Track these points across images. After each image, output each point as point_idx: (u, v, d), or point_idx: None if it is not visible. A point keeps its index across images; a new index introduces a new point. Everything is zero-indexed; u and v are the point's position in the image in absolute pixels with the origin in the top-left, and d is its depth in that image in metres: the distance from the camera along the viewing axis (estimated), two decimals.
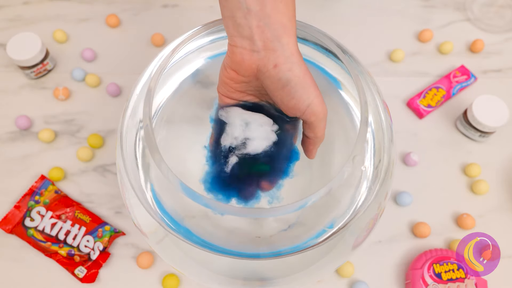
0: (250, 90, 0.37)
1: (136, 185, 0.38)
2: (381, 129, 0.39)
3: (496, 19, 0.70)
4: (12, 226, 0.55)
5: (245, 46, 0.33)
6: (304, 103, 0.34)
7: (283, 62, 0.33)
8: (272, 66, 0.33)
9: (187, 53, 0.43)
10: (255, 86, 0.36)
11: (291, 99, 0.34)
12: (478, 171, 0.59)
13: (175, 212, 0.37)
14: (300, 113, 0.35)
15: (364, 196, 0.38)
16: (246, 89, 0.37)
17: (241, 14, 0.32)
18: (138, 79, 0.41)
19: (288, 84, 0.33)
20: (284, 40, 0.33)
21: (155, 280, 0.53)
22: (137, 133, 0.38)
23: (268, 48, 0.33)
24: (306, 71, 0.34)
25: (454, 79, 0.65)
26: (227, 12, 0.33)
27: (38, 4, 0.70)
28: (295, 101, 0.34)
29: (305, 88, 0.34)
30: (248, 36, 0.33)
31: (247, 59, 0.34)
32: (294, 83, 0.33)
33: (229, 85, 0.37)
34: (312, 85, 0.34)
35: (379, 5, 0.71)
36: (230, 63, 0.35)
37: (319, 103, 0.34)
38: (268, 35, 0.33)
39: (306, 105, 0.34)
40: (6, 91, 0.64)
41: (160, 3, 0.70)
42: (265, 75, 0.34)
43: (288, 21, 0.33)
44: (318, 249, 0.37)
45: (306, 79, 0.34)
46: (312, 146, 0.37)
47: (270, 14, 0.32)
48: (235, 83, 0.36)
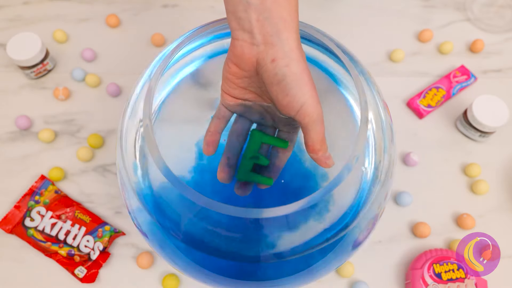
0: (252, 88, 0.37)
1: (136, 185, 0.38)
2: (381, 129, 0.39)
3: (496, 19, 0.70)
4: (12, 226, 0.55)
5: (246, 39, 0.33)
6: (298, 102, 0.33)
7: (281, 57, 0.33)
8: (270, 60, 0.33)
9: (187, 53, 0.43)
10: (256, 82, 0.36)
11: (285, 96, 0.34)
12: (478, 171, 0.59)
13: (175, 212, 0.37)
14: (294, 113, 0.34)
15: (364, 196, 0.38)
16: (248, 86, 0.37)
17: (241, 8, 0.33)
18: (138, 79, 0.41)
19: (283, 80, 0.33)
20: (284, 35, 0.33)
21: (155, 280, 0.53)
22: (137, 133, 0.38)
23: (267, 42, 0.33)
24: (304, 70, 0.34)
25: (454, 79, 0.65)
26: (230, 7, 0.34)
27: (38, 4, 0.70)
28: (289, 99, 0.34)
29: (301, 86, 0.33)
30: (248, 30, 0.33)
31: (247, 52, 0.34)
32: (290, 80, 0.33)
33: (231, 81, 0.36)
34: (308, 84, 0.34)
35: (379, 5, 0.71)
36: (232, 56, 0.35)
37: (314, 103, 0.34)
38: (268, 29, 0.33)
39: (300, 104, 0.33)
40: (6, 91, 0.64)
41: (160, 3, 0.70)
42: (263, 69, 0.34)
43: (289, 16, 0.33)
44: (318, 249, 0.37)
45: (303, 76, 0.33)
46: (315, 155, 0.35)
47: (271, 8, 0.32)
48: (236, 78, 0.36)
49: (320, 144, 0.35)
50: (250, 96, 0.38)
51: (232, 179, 0.39)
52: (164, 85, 0.43)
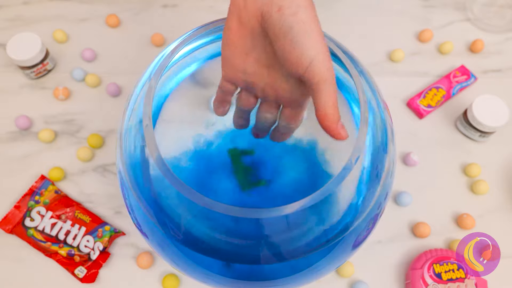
0: (255, 53, 0.34)
1: (136, 185, 0.38)
2: (381, 129, 0.39)
3: (496, 19, 0.70)
4: (12, 226, 0.55)
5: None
6: (307, 56, 0.30)
7: (287, 6, 0.30)
8: (276, 9, 0.30)
9: (187, 53, 0.43)
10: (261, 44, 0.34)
11: (293, 49, 0.30)
12: (478, 171, 0.59)
13: (175, 212, 0.37)
14: (302, 70, 0.31)
15: (364, 196, 0.38)
16: (250, 50, 0.34)
17: None
18: (138, 79, 0.41)
19: (290, 32, 0.30)
20: None
21: (155, 280, 0.53)
22: (137, 133, 0.38)
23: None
24: (314, 18, 0.30)
25: (454, 79, 0.65)
26: None
27: (38, 4, 0.70)
28: (297, 53, 0.30)
29: (311, 37, 0.30)
30: None
31: (251, 3, 0.31)
32: (297, 31, 0.30)
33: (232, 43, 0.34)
34: (318, 34, 0.30)
35: (379, 5, 0.71)
36: (234, 10, 0.32)
37: (324, 60, 0.30)
38: None
39: (309, 59, 0.30)
40: (6, 91, 0.64)
41: (160, 3, 0.70)
42: (268, 21, 0.31)
43: None
44: (318, 249, 0.37)
45: (311, 26, 0.30)
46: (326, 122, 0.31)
47: None
48: (238, 37, 0.33)
49: (332, 109, 0.31)
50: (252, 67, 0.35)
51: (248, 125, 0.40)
52: (164, 85, 0.43)
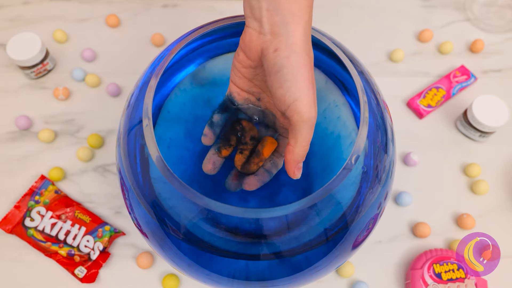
0: (257, 81, 0.38)
1: (136, 185, 0.38)
2: (381, 129, 0.39)
3: (496, 19, 0.70)
4: (12, 226, 0.55)
5: (255, 27, 0.34)
6: (290, 96, 0.33)
7: (283, 48, 0.33)
8: (273, 50, 0.33)
9: (187, 53, 0.43)
10: (261, 76, 0.37)
11: (279, 87, 0.33)
12: (478, 171, 0.59)
13: (174, 212, 0.37)
14: (285, 107, 0.33)
15: (364, 196, 0.38)
16: (253, 78, 0.37)
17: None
18: (138, 79, 0.41)
19: (280, 71, 0.33)
20: (291, 27, 0.33)
21: (155, 280, 0.53)
22: (137, 133, 0.38)
23: (273, 32, 0.33)
24: (305, 65, 0.33)
25: (454, 79, 0.65)
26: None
27: (38, 4, 0.70)
28: (282, 91, 0.33)
29: (297, 80, 0.33)
30: (258, 18, 0.34)
31: (254, 40, 0.34)
32: (287, 71, 0.33)
33: (238, 69, 0.37)
34: (305, 80, 0.33)
35: (379, 5, 0.71)
36: (241, 43, 0.36)
37: (307, 102, 0.33)
38: (276, 19, 0.33)
39: (292, 99, 0.33)
40: (6, 91, 0.64)
41: (160, 3, 0.70)
42: (265, 58, 0.34)
43: (299, 9, 0.33)
44: (318, 249, 0.37)
45: (300, 71, 0.33)
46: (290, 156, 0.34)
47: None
48: (243, 66, 0.37)
49: (300, 149, 0.34)
50: (254, 90, 0.38)
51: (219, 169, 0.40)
52: (164, 85, 0.43)
